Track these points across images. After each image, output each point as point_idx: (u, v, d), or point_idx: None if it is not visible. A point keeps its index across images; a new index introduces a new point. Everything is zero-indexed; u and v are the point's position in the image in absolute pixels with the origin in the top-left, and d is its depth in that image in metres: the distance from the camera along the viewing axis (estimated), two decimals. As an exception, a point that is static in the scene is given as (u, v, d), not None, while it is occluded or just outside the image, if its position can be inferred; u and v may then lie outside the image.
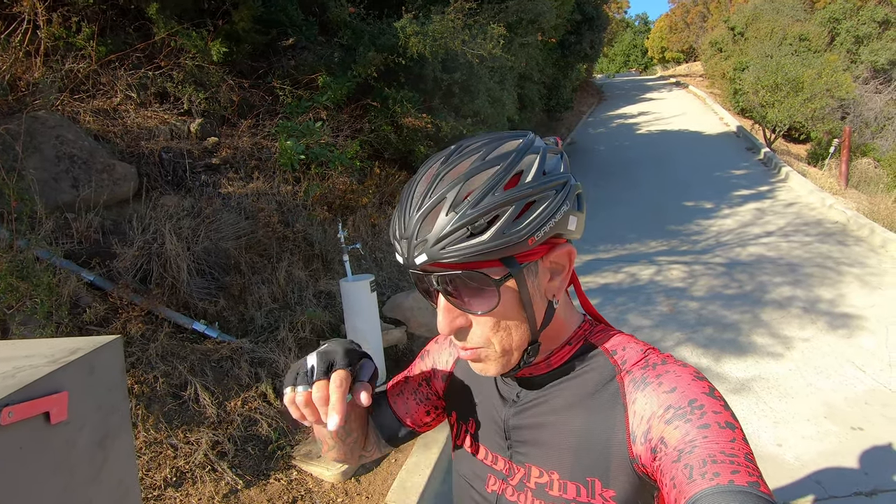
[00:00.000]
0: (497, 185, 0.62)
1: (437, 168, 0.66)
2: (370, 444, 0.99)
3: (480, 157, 0.65)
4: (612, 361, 0.75)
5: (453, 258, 0.62)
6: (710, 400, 0.66)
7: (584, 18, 12.35)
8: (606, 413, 0.72)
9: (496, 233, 0.62)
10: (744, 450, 0.60)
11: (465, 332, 0.71)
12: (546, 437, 0.77)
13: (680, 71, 30.04)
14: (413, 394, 0.98)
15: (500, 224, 0.62)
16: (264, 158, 4.67)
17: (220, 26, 4.75)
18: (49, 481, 1.08)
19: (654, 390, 0.69)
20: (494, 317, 0.68)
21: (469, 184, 0.63)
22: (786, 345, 4.31)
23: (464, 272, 0.64)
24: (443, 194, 0.63)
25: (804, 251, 6.37)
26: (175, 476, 2.50)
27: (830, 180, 9.85)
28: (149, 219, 3.50)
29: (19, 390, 1.00)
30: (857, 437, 3.18)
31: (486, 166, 0.64)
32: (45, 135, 3.46)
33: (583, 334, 0.79)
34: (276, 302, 3.84)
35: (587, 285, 5.71)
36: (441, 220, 0.62)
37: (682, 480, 0.59)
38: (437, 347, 1.00)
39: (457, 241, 0.62)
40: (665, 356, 0.74)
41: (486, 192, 0.62)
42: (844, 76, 12.06)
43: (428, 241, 0.63)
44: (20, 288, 2.61)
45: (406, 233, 0.65)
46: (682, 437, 0.63)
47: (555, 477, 0.75)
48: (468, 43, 5.29)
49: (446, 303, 0.69)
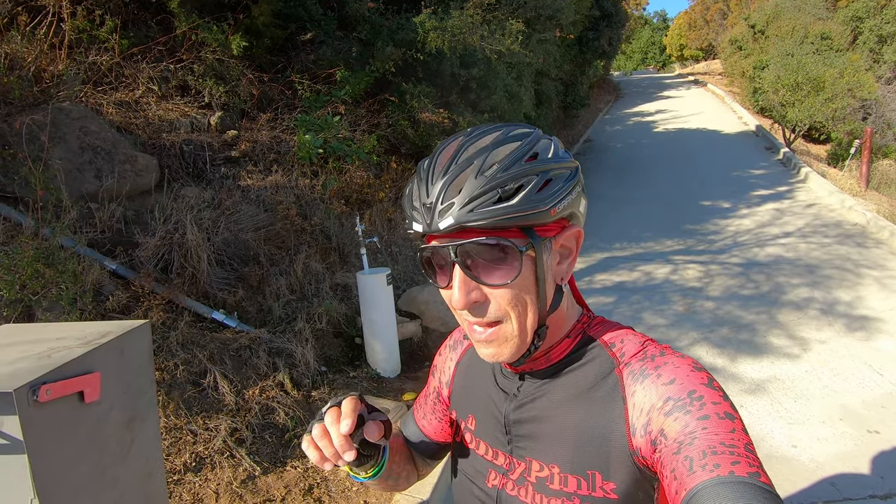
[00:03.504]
0: (521, 158, 0.66)
1: (462, 140, 0.68)
2: (420, 468, 1.04)
3: (502, 133, 0.69)
4: (610, 354, 0.76)
5: (480, 222, 0.63)
6: (709, 391, 0.66)
7: (602, 15, 12.26)
8: (606, 406, 0.72)
9: (523, 199, 0.64)
10: (743, 440, 0.60)
11: (481, 307, 0.70)
12: (546, 430, 0.77)
13: (698, 69, 29.68)
14: (432, 412, 1.01)
15: (527, 191, 0.64)
16: (283, 152, 4.71)
17: (240, 20, 4.80)
18: (82, 458, 1.12)
19: (653, 382, 0.69)
20: (512, 289, 0.68)
21: (495, 153, 0.66)
22: (802, 346, 4.27)
23: (488, 238, 0.65)
24: (470, 159, 0.65)
25: (823, 252, 6.29)
26: (195, 461, 2.56)
27: (850, 181, 9.69)
28: (170, 209, 3.56)
29: (55, 369, 1.04)
30: (873, 440, 3.15)
31: (508, 140, 0.67)
32: (70, 126, 3.53)
33: (581, 328, 0.79)
34: (293, 293, 3.88)
35: (602, 283, 5.70)
36: (470, 183, 0.64)
37: (682, 472, 0.59)
38: (440, 360, 1.02)
39: (485, 204, 0.63)
40: (663, 347, 0.74)
41: (513, 160, 0.65)
42: (867, 76, 11.84)
43: (455, 203, 0.64)
44: (46, 275, 2.68)
45: (429, 199, 0.66)
46: (681, 429, 0.63)
47: (555, 470, 0.75)
48: (486, 38, 5.29)
49: (462, 275, 0.67)
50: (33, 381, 0.97)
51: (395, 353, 3.77)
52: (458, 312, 0.73)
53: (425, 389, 1.04)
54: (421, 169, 0.70)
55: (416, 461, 1.03)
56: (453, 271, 0.68)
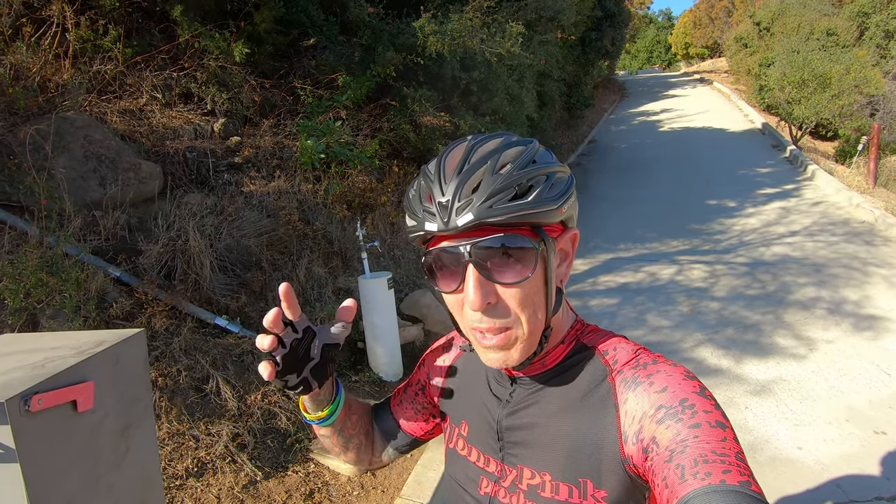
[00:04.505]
0: (529, 160, 0.69)
1: (470, 143, 0.70)
2: (377, 451, 1.03)
3: (504, 139, 0.71)
4: (603, 362, 0.76)
5: (499, 218, 0.64)
6: (701, 399, 0.66)
7: (604, 15, 12.25)
8: (598, 414, 0.72)
9: (536, 197, 0.66)
10: (734, 449, 0.61)
11: (494, 309, 0.69)
12: (538, 438, 0.77)
13: (704, 67, 29.55)
14: (411, 403, 1.01)
15: (539, 189, 0.67)
16: (285, 157, 4.74)
17: (242, 27, 4.84)
18: (75, 466, 1.13)
19: (645, 390, 0.69)
20: (523, 289, 0.68)
21: (506, 155, 0.68)
22: (809, 346, 4.24)
23: (506, 235, 0.66)
24: (483, 159, 0.67)
25: (830, 251, 6.24)
26: (196, 466, 2.57)
27: (858, 179, 9.59)
28: (173, 216, 3.59)
29: (48, 379, 1.06)
30: (880, 442, 3.12)
31: (513, 145, 0.70)
32: (74, 135, 3.57)
33: (575, 334, 0.80)
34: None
35: (606, 284, 5.68)
36: (487, 179, 0.66)
37: (673, 480, 0.59)
38: (431, 356, 1.02)
39: (503, 201, 0.64)
40: (656, 356, 0.75)
41: (525, 161, 0.68)
42: (873, 72, 11.74)
43: (473, 200, 0.65)
44: (49, 283, 2.71)
45: (444, 197, 0.66)
46: (673, 437, 0.63)
47: (547, 478, 0.75)
48: (487, 41, 5.29)
49: (477, 275, 0.67)
50: (25, 392, 0.98)
51: (397, 357, 3.78)
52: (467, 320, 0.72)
53: (408, 380, 1.05)
54: (428, 171, 0.70)
55: (375, 443, 1.02)
56: (466, 272, 0.67)
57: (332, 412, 0.88)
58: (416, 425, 1.00)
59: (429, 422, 1.01)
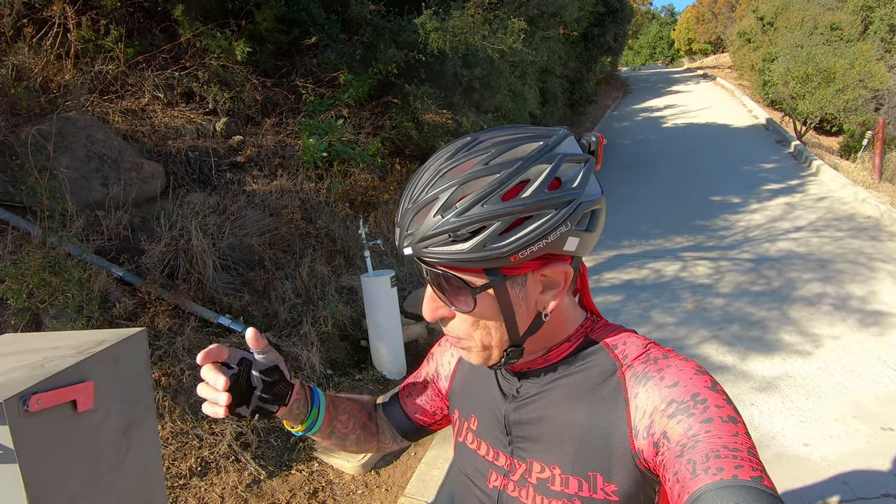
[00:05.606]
0: (492, 195, 0.60)
1: (442, 163, 0.64)
2: (386, 438, 1.05)
3: (485, 160, 0.62)
4: (612, 356, 0.75)
5: (434, 259, 0.63)
6: (713, 394, 0.65)
7: (607, 10, 12.20)
8: (608, 407, 0.72)
9: (476, 245, 0.60)
10: (747, 444, 0.60)
11: (449, 321, 0.73)
12: (547, 431, 0.77)
13: (707, 63, 29.42)
14: (420, 395, 1.02)
15: (482, 236, 0.60)
16: (287, 156, 4.74)
17: (243, 26, 4.83)
18: (76, 466, 1.13)
19: (656, 384, 0.68)
20: (473, 316, 0.69)
21: (464, 188, 0.61)
22: (814, 343, 4.21)
23: (443, 273, 0.65)
24: (436, 194, 0.62)
25: (835, 247, 6.20)
26: (200, 465, 2.57)
27: (863, 173, 9.53)
28: (176, 216, 3.59)
29: (47, 379, 1.05)
30: (887, 438, 3.09)
31: (485, 172, 0.61)
32: (76, 135, 3.57)
33: (584, 331, 0.79)
34: (299, 297, 3.90)
35: (610, 281, 5.66)
36: (428, 220, 0.62)
37: (685, 475, 0.59)
38: (440, 350, 1.03)
39: (439, 245, 0.62)
40: (666, 350, 0.74)
41: (476, 200, 0.60)
42: (878, 66, 11.65)
43: (414, 236, 0.64)
44: (52, 283, 2.71)
45: (400, 221, 0.66)
46: (684, 432, 0.62)
47: (556, 472, 0.75)
48: (488, 38, 5.28)
49: (432, 292, 0.71)
50: (23, 392, 0.98)
51: (400, 356, 3.77)
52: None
53: (416, 373, 1.06)
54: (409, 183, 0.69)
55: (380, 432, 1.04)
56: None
57: (311, 424, 0.90)
58: (424, 416, 1.02)
59: (437, 413, 1.02)
